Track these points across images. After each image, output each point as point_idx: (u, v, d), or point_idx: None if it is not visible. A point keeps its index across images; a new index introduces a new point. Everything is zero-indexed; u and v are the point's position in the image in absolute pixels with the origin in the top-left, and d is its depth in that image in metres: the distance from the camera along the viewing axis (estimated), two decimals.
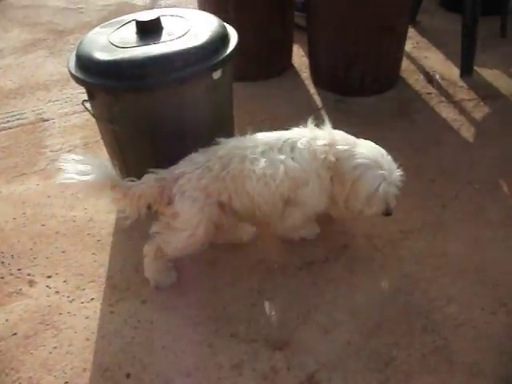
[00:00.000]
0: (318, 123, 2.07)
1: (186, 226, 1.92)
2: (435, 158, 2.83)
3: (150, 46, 2.14)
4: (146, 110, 2.20)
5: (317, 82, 3.50)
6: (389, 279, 2.21)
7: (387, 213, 2.07)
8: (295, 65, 3.80)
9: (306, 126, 2.06)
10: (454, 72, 3.58)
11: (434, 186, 2.65)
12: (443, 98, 3.34)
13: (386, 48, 3.19)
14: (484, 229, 2.40)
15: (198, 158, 1.99)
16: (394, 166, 2.02)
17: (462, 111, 3.22)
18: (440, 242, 2.35)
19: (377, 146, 2.06)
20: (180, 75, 2.10)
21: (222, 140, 2.04)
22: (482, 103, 3.28)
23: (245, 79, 3.32)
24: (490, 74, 3.54)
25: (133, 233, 2.39)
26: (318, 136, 2.00)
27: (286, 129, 2.10)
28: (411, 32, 3.97)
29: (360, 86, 3.32)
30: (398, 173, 2.01)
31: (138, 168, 1.98)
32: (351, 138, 2.06)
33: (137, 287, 2.20)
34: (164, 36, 2.22)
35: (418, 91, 3.44)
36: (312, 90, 3.50)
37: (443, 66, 3.67)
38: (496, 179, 2.68)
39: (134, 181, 1.94)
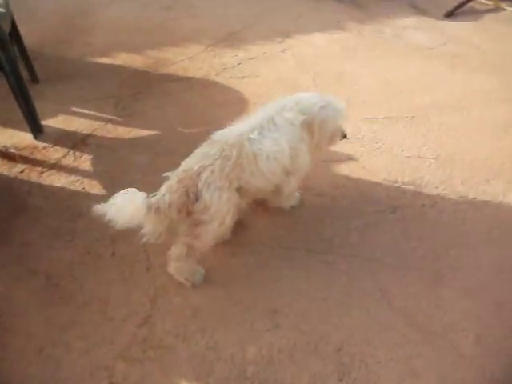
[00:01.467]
0: None
1: (215, 216, 2.03)
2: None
3: None
4: None
5: None
6: None
7: (344, 136, 2.46)
8: None
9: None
10: (24, 137, 3.17)
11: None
12: (41, 168, 2.94)
13: None
14: None
15: (209, 151, 2.08)
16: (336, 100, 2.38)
17: (72, 170, 2.93)
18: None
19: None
20: None
21: (218, 132, 2.22)
22: (77, 152, 3.05)
23: None
24: (59, 122, 3.30)
25: None
26: (284, 106, 2.28)
27: None
28: None
29: None
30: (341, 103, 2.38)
31: None
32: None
33: None
34: None
35: (17, 177, 2.89)
36: None
37: (8, 137, 3.20)
38: None
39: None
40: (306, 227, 2.61)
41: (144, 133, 3.23)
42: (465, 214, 2.76)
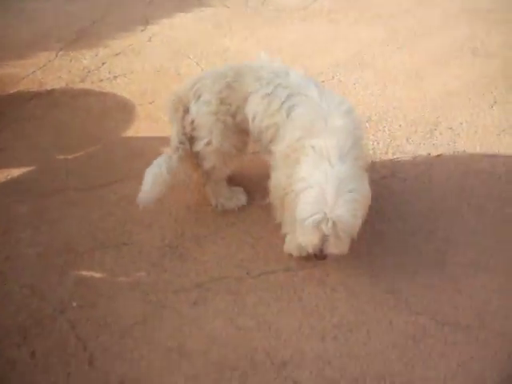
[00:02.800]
0: None
1: (202, 132, 1.98)
2: None
3: None
4: None
5: None
6: None
7: (318, 255, 1.71)
8: None
9: None
10: None
11: None
12: None
13: None
14: None
15: (214, 69, 2.08)
16: (343, 201, 1.62)
17: None
18: None
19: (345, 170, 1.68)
20: None
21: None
22: None
23: None
24: None
25: None
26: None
27: None
28: None
29: None
30: (345, 211, 1.62)
31: None
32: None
33: None
34: None
35: None
36: None
37: None
38: None
39: None
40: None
41: (16, 172, 2.44)
42: (428, 175, 2.41)
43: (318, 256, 1.71)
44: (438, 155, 2.54)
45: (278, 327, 1.74)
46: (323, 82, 3.11)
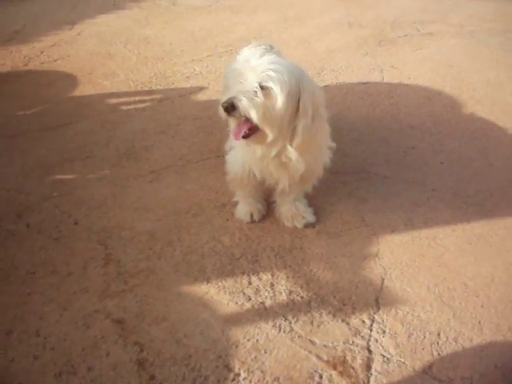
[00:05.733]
0: None
1: None
2: None
3: None
4: None
5: None
6: None
7: None
8: None
9: None
10: None
11: None
12: None
13: None
14: None
15: None
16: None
17: None
18: None
19: None
20: None
21: None
22: None
23: None
24: None
25: None
26: None
27: None
28: None
29: None
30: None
31: None
32: None
33: None
34: None
35: None
36: None
37: None
38: None
39: None
40: None
41: None
42: None
43: None
44: (325, 85, 3.28)
45: (216, 187, 2.33)
46: (231, 50, 3.81)
